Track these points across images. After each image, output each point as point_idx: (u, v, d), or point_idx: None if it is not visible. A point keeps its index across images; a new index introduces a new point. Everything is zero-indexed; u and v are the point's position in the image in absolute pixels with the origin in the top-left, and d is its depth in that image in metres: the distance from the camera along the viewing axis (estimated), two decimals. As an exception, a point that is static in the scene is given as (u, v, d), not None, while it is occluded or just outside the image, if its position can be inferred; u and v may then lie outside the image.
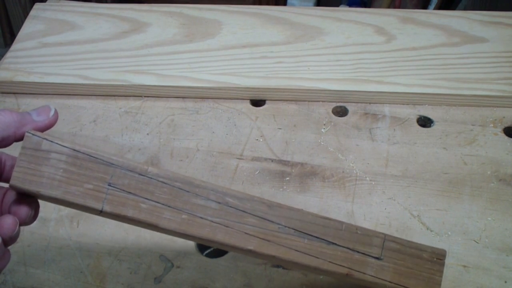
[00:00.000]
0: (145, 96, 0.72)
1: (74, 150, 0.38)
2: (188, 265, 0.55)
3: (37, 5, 0.83)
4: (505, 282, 0.53)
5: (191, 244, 0.57)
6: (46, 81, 0.71)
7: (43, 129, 0.41)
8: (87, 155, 0.38)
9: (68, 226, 0.58)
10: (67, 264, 0.55)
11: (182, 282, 0.54)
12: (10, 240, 0.39)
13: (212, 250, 0.56)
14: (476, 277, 0.54)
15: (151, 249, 0.56)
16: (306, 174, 0.62)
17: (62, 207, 0.59)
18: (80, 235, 0.58)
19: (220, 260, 0.56)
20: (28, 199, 0.39)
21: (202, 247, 0.57)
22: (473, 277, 0.54)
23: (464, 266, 0.54)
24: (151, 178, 0.39)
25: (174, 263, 0.55)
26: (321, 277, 0.54)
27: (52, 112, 0.42)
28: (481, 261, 0.55)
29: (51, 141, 0.38)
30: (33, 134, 0.38)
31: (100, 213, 0.39)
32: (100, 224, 0.58)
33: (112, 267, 0.55)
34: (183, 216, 0.40)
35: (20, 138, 0.40)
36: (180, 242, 0.56)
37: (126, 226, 0.57)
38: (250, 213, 0.41)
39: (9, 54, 0.75)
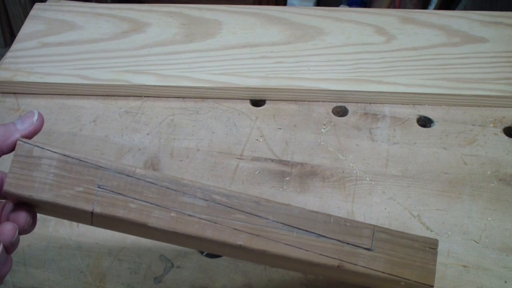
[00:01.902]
0: (145, 96, 0.72)
1: (64, 155, 0.39)
2: (188, 265, 0.55)
3: (37, 5, 0.83)
4: (505, 282, 0.53)
5: (191, 244, 0.57)
6: (46, 81, 0.71)
7: (29, 137, 0.41)
8: (77, 159, 0.40)
9: (68, 226, 0.58)
10: (67, 264, 0.55)
11: (182, 282, 0.54)
12: (11, 246, 0.40)
13: (212, 250, 0.56)
14: (476, 277, 0.54)
15: (151, 249, 0.56)
16: (306, 174, 0.62)
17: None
18: (80, 235, 0.58)
19: (220, 260, 0.56)
20: (25, 207, 0.40)
21: (202, 247, 0.57)
22: (473, 277, 0.54)
23: (464, 266, 0.54)
24: (139, 179, 0.40)
25: (174, 263, 0.55)
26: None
27: (35, 117, 0.42)
28: (481, 261, 0.55)
29: (42, 148, 0.39)
30: (24, 142, 0.39)
31: (91, 216, 0.40)
32: (100, 224, 0.58)
33: (112, 267, 0.55)
34: (172, 214, 0.40)
35: (7, 151, 0.40)
36: (180, 242, 0.56)
37: (126, 226, 0.58)
38: (237, 209, 0.42)
39: (9, 54, 0.75)
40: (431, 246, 0.46)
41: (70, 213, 0.40)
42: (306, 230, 0.42)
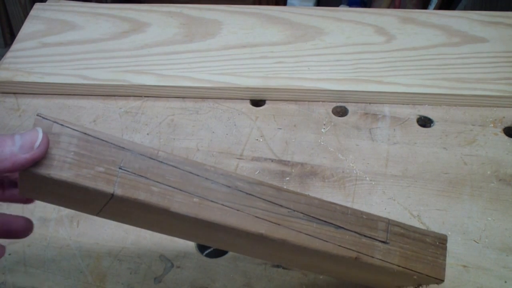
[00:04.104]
0: (145, 96, 0.72)
1: (85, 133, 0.37)
2: (188, 265, 0.55)
3: (37, 5, 0.83)
4: (505, 282, 0.53)
5: (191, 244, 0.57)
6: (46, 81, 0.71)
7: (24, 166, 0.35)
8: (98, 138, 0.38)
9: (68, 226, 0.58)
10: (67, 264, 0.55)
11: (182, 282, 0.54)
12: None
13: (212, 250, 0.56)
14: (476, 277, 0.53)
15: (151, 249, 0.56)
16: (306, 174, 0.62)
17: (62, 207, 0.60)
18: (80, 235, 0.58)
19: (220, 260, 0.56)
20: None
21: (202, 247, 0.57)
22: (473, 277, 0.54)
23: (464, 266, 0.54)
24: (161, 162, 0.39)
25: (174, 263, 0.55)
26: (321, 277, 0.54)
27: (37, 143, 0.35)
28: (481, 261, 0.55)
29: (62, 125, 0.37)
30: (43, 118, 0.37)
31: (111, 197, 0.38)
32: (100, 224, 0.58)
33: (112, 267, 0.55)
34: (195, 200, 0.39)
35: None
36: (180, 242, 0.56)
37: (126, 226, 0.58)
38: (260, 197, 0.41)
39: (9, 54, 0.75)
40: (441, 241, 0.46)
41: (84, 196, 0.39)
42: (325, 221, 0.42)
